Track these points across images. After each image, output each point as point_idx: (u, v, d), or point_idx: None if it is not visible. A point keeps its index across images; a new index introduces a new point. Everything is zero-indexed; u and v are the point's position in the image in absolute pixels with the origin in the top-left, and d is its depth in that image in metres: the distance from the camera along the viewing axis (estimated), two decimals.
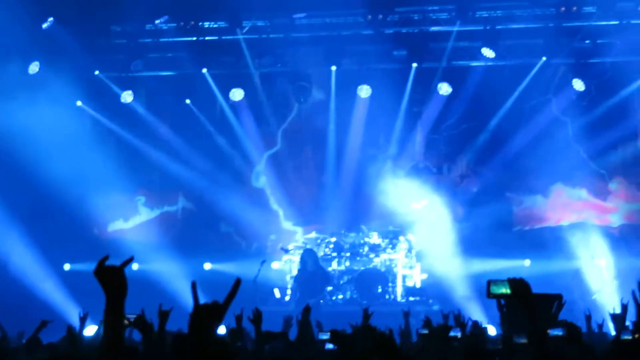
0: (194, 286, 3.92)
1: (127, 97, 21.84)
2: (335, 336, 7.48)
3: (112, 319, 3.92)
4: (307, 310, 9.69)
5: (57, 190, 20.45)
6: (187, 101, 22.01)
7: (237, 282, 3.92)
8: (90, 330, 12.01)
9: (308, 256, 19.88)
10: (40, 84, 20.34)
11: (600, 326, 11.58)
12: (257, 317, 8.32)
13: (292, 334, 10.57)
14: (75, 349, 9.02)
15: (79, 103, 21.41)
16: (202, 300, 3.92)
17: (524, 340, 7.10)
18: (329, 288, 20.07)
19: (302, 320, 9.60)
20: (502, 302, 8.99)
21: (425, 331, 9.14)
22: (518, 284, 4.93)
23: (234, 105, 22.13)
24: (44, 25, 20.28)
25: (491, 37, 20.53)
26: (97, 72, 21.60)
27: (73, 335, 9.76)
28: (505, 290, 5.19)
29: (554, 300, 8.44)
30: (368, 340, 6.99)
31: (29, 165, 20.17)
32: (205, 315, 3.84)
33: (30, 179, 20.31)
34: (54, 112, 20.58)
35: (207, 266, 21.21)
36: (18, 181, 20.37)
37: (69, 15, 20.36)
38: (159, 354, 7.00)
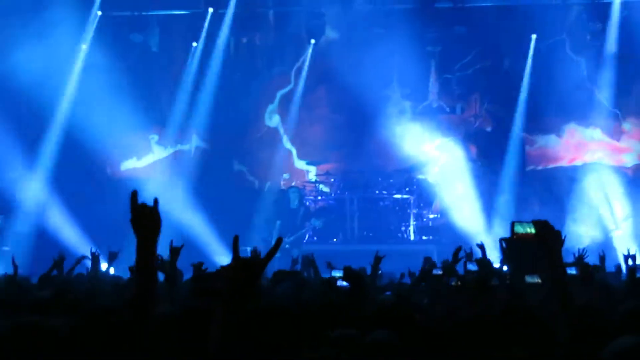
0: (235, 240, 3.88)
1: (138, 35, 21.77)
2: (348, 274, 7.32)
3: (144, 260, 3.89)
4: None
5: (69, 129, 20.50)
6: (194, 44, 21.87)
7: (279, 240, 3.85)
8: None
9: (293, 193, 20.12)
10: (52, 23, 20.25)
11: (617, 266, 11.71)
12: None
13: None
14: (95, 283, 9.08)
15: (84, 45, 21.25)
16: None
17: (536, 280, 7.11)
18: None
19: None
20: (504, 243, 9.03)
21: (439, 272, 9.14)
22: (542, 225, 4.97)
23: (247, 44, 22.04)
24: None
25: None
26: (100, 12, 21.41)
27: (95, 268, 9.84)
28: (529, 230, 5.20)
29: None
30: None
31: (43, 105, 20.21)
32: (244, 270, 3.74)
33: (43, 119, 20.36)
34: (65, 51, 20.54)
35: None
36: (32, 122, 20.43)
37: None
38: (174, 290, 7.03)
